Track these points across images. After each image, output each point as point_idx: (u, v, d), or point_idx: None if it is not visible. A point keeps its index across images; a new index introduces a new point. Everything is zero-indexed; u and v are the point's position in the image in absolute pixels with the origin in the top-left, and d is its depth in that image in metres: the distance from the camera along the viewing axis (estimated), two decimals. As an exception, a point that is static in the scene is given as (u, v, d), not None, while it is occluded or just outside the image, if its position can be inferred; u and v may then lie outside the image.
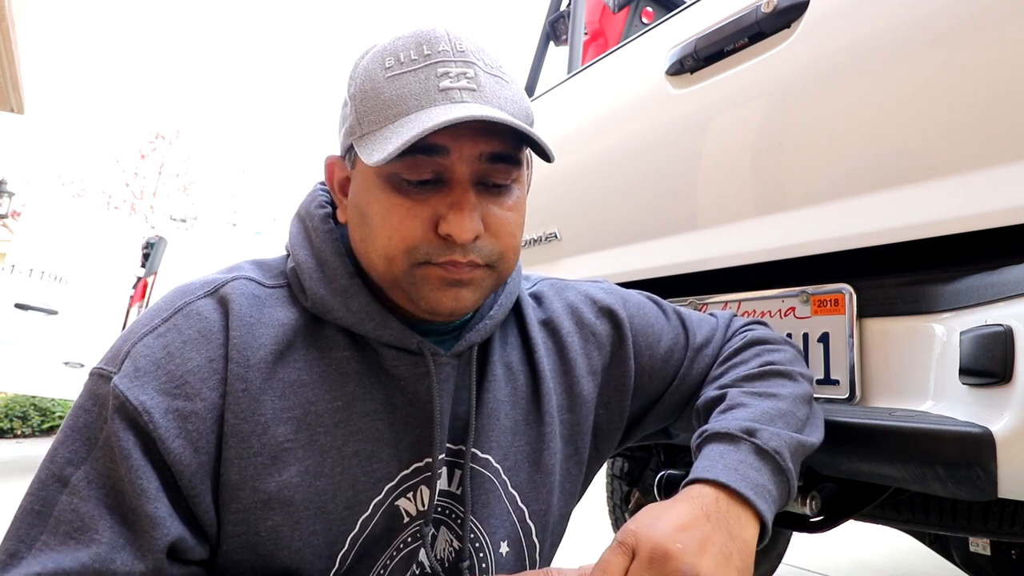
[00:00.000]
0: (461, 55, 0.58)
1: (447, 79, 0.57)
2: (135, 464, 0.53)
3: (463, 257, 0.59)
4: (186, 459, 0.54)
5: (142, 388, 0.55)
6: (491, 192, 0.61)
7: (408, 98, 0.57)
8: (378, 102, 0.58)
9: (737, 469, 0.60)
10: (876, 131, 0.86)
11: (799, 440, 0.66)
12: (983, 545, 1.49)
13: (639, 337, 0.80)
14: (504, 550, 0.68)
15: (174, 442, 0.54)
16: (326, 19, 53.90)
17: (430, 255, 0.58)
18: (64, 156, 28.26)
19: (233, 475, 0.56)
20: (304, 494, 0.58)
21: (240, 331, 0.59)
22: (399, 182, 0.58)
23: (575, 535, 1.00)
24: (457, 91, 0.56)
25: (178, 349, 0.57)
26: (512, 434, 0.70)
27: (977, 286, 0.74)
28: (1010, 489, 0.65)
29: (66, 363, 4.15)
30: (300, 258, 0.65)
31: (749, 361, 0.77)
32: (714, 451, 0.63)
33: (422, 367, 0.64)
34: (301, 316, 0.63)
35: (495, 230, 0.61)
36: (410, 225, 0.58)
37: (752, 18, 1.02)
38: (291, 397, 0.59)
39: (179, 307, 0.60)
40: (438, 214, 0.58)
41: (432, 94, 0.56)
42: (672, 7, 2.16)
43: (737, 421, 0.65)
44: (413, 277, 0.60)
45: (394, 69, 0.58)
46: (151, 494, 0.52)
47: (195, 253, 4.72)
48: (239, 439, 0.56)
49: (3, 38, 5.27)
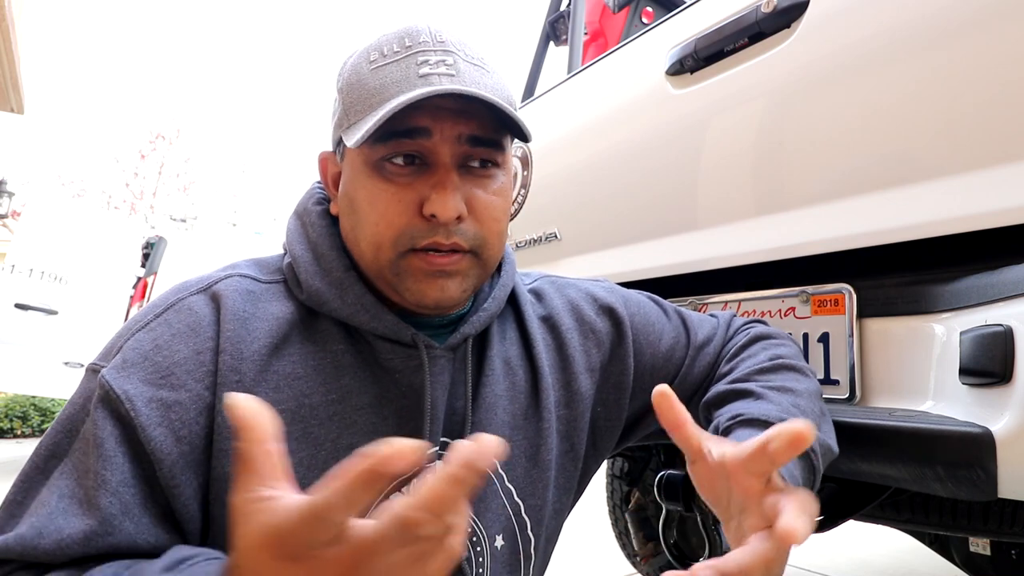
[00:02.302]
0: (441, 45, 0.60)
1: (426, 66, 0.59)
2: (105, 453, 0.52)
3: (446, 239, 0.60)
4: (166, 448, 0.54)
5: (127, 379, 0.55)
6: (474, 175, 0.62)
7: (389, 86, 0.59)
8: (362, 92, 0.60)
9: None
10: (876, 131, 0.86)
11: (828, 445, 0.66)
12: (983, 545, 1.49)
13: (639, 336, 0.80)
14: (499, 544, 0.68)
15: (155, 430, 0.54)
16: (326, 19, 53.88)
17: (415, 239, 0.60)
18: (64, 156, 28.27)
19: (227, 467, 0.56)
20: (297, 487, 0.58)
21: (233, 325, 0.59)
22: (383, 167, 0.60)
23: (575, 535, 1.00)
24: (436, 76, 0.58)
25: (166, 342, 0.58)
26: (510, 429, 0.70)
27: (977, 286, 0.74)
28: (1010, 489, 0.65)
29: (66, 363, 4.15)
30: (297, 252, 0.66)
31: (758, 354, 0.76)
32: (751, 436, 0.62)
33: (416, 360, 0.64)
34: (296, 310, 0.64)
35: (479, 213, 0.62)
36: (396, 210, 0.59)
37: (752, 18, 1.02)
38: (285, 390, 0.60)
39: (172, 303, 0.61)
40: (422, 196, 0.60)
41: (412, 80, 0.58)
42: (672, 7, 2.16)
43: (775, 410, 0.64)
44: (398, 268, 0.61)
45: (378, 62, 0.60)
46: (111, 486, 0.52)
47: (195, 253, 4.71)
48: (232, 431, 0.56)
49: (3, 38, 5.27)
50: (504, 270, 0.74)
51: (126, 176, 18.44)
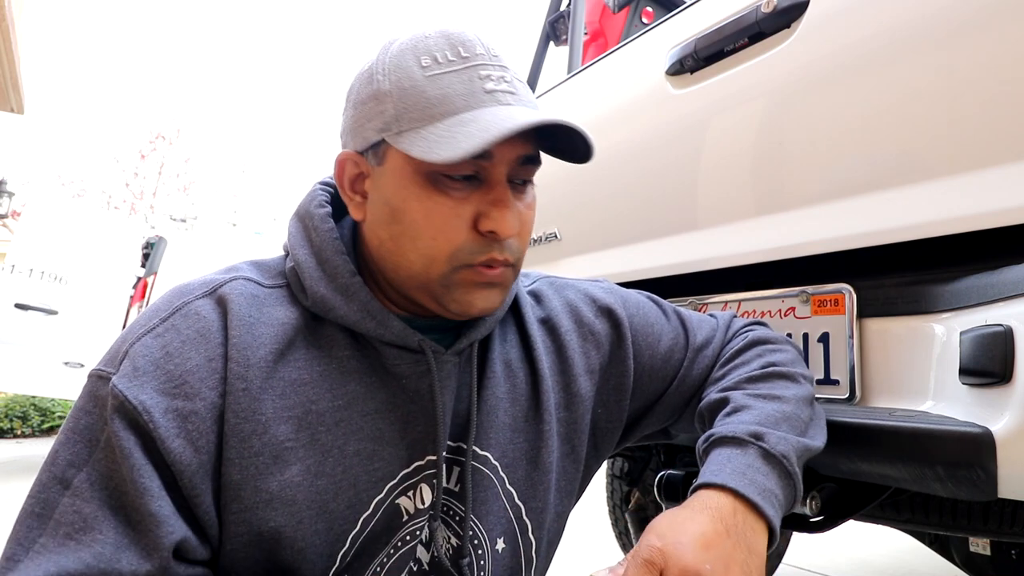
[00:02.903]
0: (496, 59, 0.61)
1: (490, 81, 0.59)
2: (137, 463, 0.52)
3: (500, 255, 0.61)
4: (186, 459, 0.54)
5: (141, 388, 0.55)
6: (517, 190, 0.63)
7: (454, 97, 0.58)
8: (421, 99, 0.58)
9: (745, 474, 0.60)
10: (876, 131, 0.86)
11: (805, 444, 0.66)
12: (983, 545, 1.49)
13: (638, 337, 0.80)
14: (500, 547, 0.68)
15: (174, 442, 0.54)
16: (326, 19, 53.90)
17: (472, 255, 0.60)
18: (64, 156, 28.24)
19: (235, 475, 0.56)
20: (306, 493, 0.58)
21: (240, 331, 0.59)
22: (439, 179, 0.59)
23: (575, 535, 1.00)
24: (501, 93, 0.59)
25: (177, 349, 0.57)
26: (511, 431, 0.70)
27: (977, 286, 0.74)
28: (1010, 489, 0.65)
29: (66, 363, 4.15)
30: (300, 257, 0.64)
31: (751, 362, 0.77)
32: (722, 455, 0.63)
33: (423, 365, 0.64)
34: (301, 315, 0.63)
35: (521, 228, 0.63)
36: (454, 225, 0.59)
37: (752, 18, 1.02)
38: (292, 396, 0.59)
39: (177, 307, 0.60)
40: (479, 212, 0.60)
41: (479, 95, 0.58)
42: (672, 7, 2.16)
43: (743, 425, 0.65)
44: (448, 280, 0.61)
45: (432, 68, 0.59)
46: (154, 492, 0.52)
47: (195, 253, 4.72)
48: (240, 439, 0.56)
49: (3, 38, 5.27)
50: None
51: (126, 176, 18.44)
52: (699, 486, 0.60)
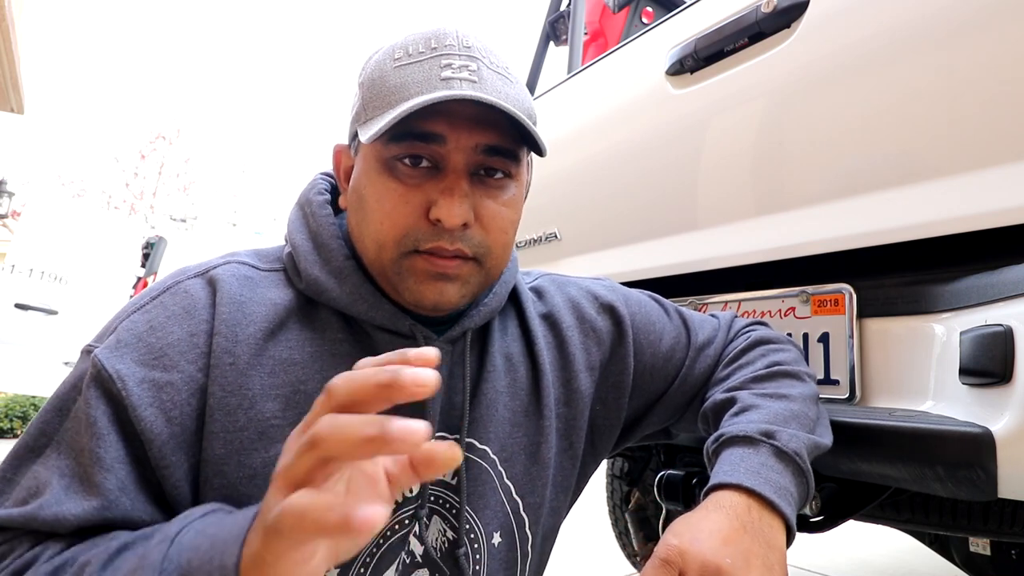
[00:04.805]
0: (467, 50, 0.60)
1: (449, 69, 0.58)
2: (99, 431, 0.53)
3: (450, 244, 0.59)
4: (157, 428, 0.54)
5: (120, 358, 0.55)
6: (486, 184, 0.62)
7: (410, 85, 0.58)
8: (382, 89, 0.60)
9: (760, 472, 0.60)
10: (876, 131, 0.86)
11: (815, 441, 0.66)
12: (983, 545, 1.49)
13: (640, 335, 0.80)
14: (497, 540, 0.68)
15: (146, 410, 0.54)
16: (326, 19, 53.89)
17: (418, 241, 0.59)
18: (64, 156, 28.25)
19: (218, 449, 0.56)
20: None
21: (229, 308, 0.60)
22: (394, 166, 0.60)
23: (575, 535, 1.00)
24: (457, 81, 0.58)
25: (161, 324, 0.58)
26: (511, 425, 0.70)
27: (977, 286, 0.74)
28: (1010, 489, 0.65)
29: (66, 363, 4.15)
30: (297, 241, 0.66)
31: (756, 361, 0.77)
32: (734, 455, 0.62)
33: None
34: (295, 298, 0.64)
35: (486, 222, 0.61)
36: (402, 211, 0.59)
37: (752, 18, 1.02)
38: (280, 375, 0.60)
39: (168, 286, 0.62)
40: (430, 199, 0.59)
41: (433, 82, 0.58)
42: (672, 7, 2.16)
43: (754, 424, 0.65)
44: (400, 267, 0.61)
45: (402, 60, 0.60)
46: (106, 463, 0.52)
47: (195, 253, 4.72)
48: (225, 412, 0.57)
49: (3, 38, 5.27)
50: (507, 267, 0.74)
51: (126, 176, 18.46)
52: (713, 487, 0.60)
